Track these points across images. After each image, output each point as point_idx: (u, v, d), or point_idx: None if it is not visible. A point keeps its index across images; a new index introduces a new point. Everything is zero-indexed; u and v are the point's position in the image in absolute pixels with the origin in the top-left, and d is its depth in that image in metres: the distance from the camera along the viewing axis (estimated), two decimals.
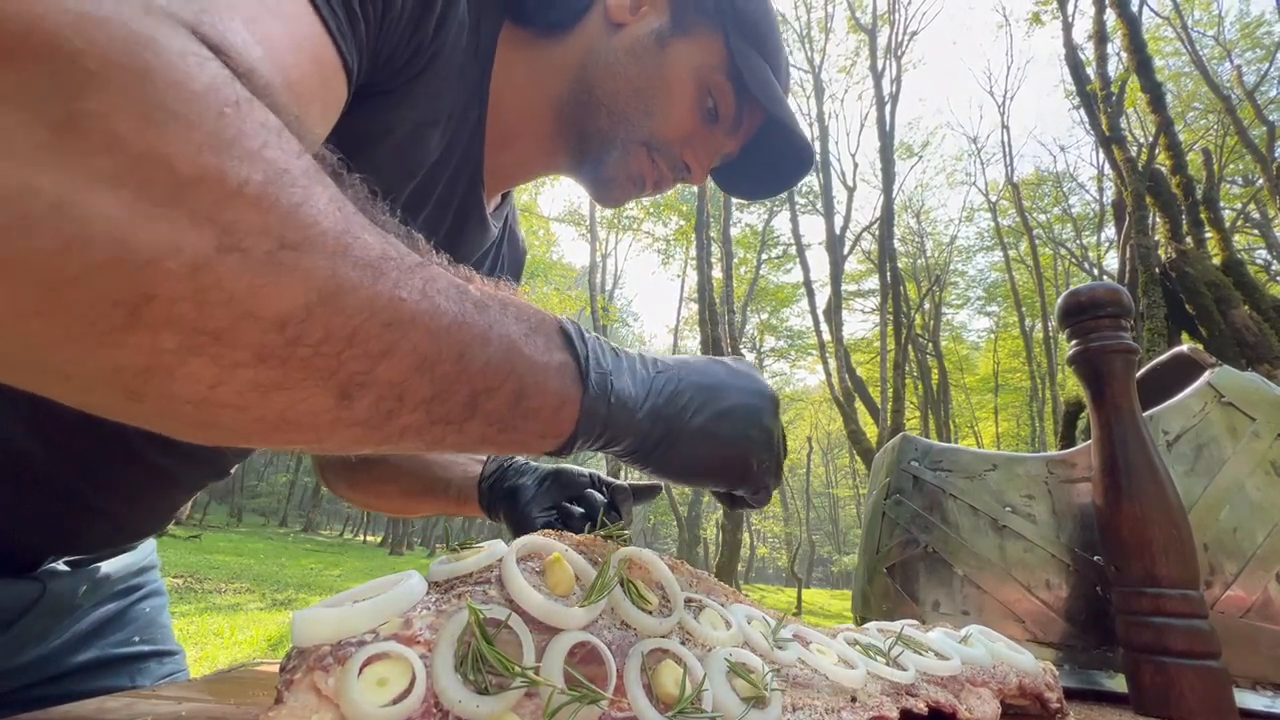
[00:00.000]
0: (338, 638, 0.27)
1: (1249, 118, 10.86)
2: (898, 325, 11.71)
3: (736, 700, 0.31)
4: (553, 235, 19.81)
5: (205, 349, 0.20)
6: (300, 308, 0.22)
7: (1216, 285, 5.30)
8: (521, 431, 0.31)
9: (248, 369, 0.21)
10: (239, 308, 0.20)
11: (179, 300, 0.19)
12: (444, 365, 0.27)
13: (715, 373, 0.41)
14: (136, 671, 0.63)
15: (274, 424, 0.23)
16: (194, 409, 0.22)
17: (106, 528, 0.56)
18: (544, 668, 0.28)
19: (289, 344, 0.22)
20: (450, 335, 0.27)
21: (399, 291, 0.25)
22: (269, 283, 0.21)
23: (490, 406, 0.29)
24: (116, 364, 0.19)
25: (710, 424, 0.38)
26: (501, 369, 0.29)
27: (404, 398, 0.26)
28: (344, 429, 0.25)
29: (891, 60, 14.12)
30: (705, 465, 0.39)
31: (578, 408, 0.33)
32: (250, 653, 4.38)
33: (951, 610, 0.61)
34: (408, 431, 0.27)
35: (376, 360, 0.24)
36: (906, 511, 0.67)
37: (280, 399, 0.23)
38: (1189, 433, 0.60)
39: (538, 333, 0.32)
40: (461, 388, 0.28)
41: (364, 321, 0.23)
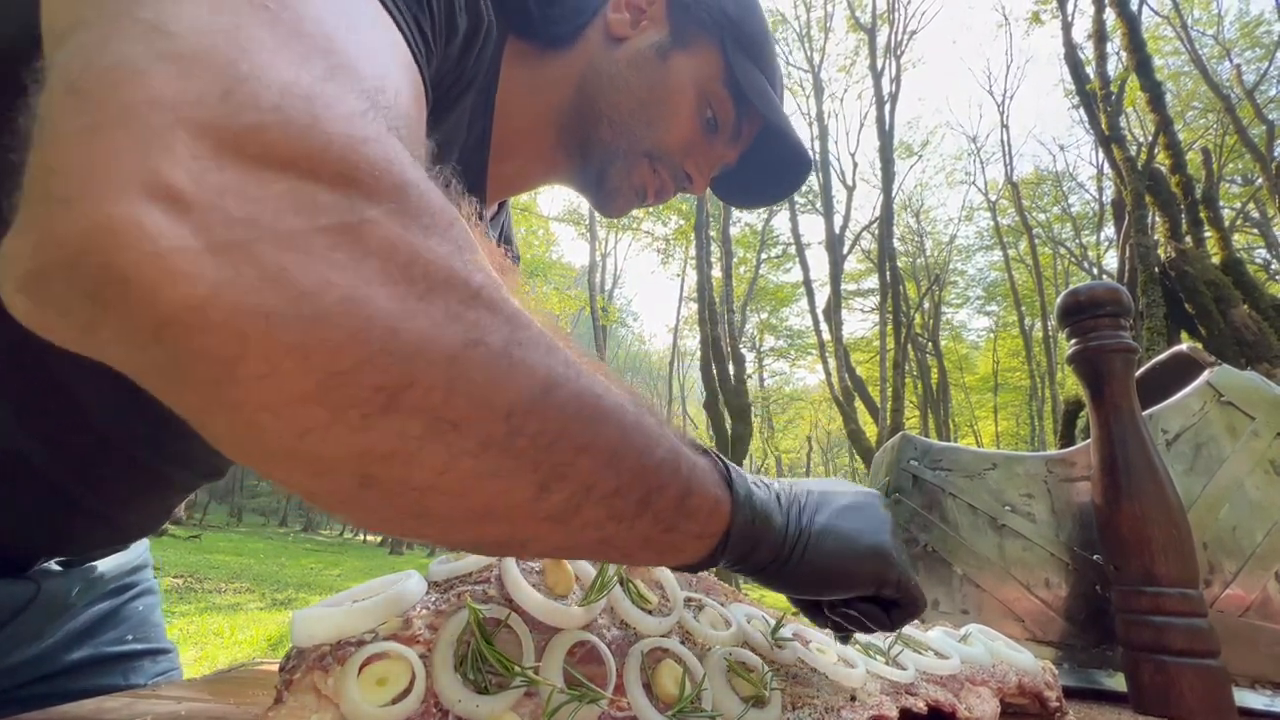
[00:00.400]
0: (337, 637, 0.27)
1: (1248, 117, 10.86)
2: (897, 324, 11.71)
3: (736, 699, 0.31)
4: (552, 235, 19.80)
5: (444, 435, 0.22)
6: (525, 399, 0.23)
7: (1216, 284, 5.30)
8: (682, 533, 0.32)
9: (472, 458, 0.23)
10: (478, 397, 0.22)
11: (433, 389, 0.21)
12: (630, 459, 0.28)
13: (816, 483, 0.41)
14: (130, 670, 0.63)
15: (478, 514, 0.25)
16: (418, 496, 0.23)
17: (102, 529, 0.56)
18: (543, 667, 0.28)
19: (510, 434, 0.23)
20: (635, 432, 0.28)
21: (595, 388, 0.26)
22: (504, 375, 0.23)
23: (660, 504, 0.30)
24: (364, 447, 0.21)
25: (836, 522, 0.38)
26: (671, 467, 0.30)
27: (591, 491, 0.27)
28: (536, 522, 0.26)
29: (891, 59, 14.12)
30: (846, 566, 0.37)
31: (730, 510, 0.34)
32: (250, 652, 4.38)
33: (951, 609, 0.62)
34: (588, 526, 0.28)
35: (578, 454, 0.26)
36: (906, 510, 0.67)
37: (491, 487, 0.24)
38: (1188, 432, 0.60)
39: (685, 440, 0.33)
40: (639, 484, 0.29)
41: (572, 415, 0.25)
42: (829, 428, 29.54)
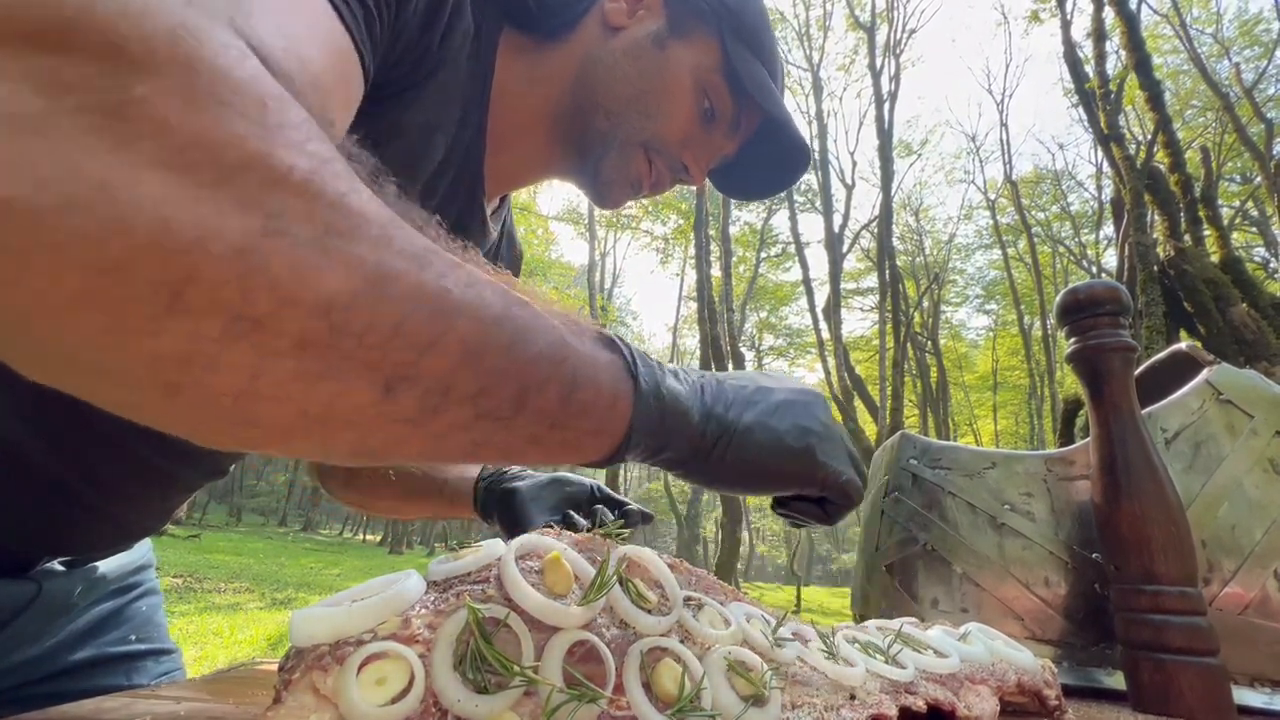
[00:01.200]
0: (336, 637, 0.27)
1: (1247, 115, 10.86)
2: (896, 323, 11.72)
3: (735, 699, 0.31)
4: (551, 234, 19.81)
5: (247, 335, 0.20)
6: (345, 294, 0.21)
7: (1215, 283, 5.31)
8: (574, 430, 0.30)
9: (289, 358, 0.21)
10: (283, 292, 0.20)
11: (222, 284, 0.19)
12: (491, 357, 0.26)
13: (753, 376, 0.40)
14: (133, 670, 0.63)
15: (316, 419, 0.23)
16: (233, 402, 0.21)
17: (104, 528, 0.56)
18: (543, 667, 0.28)
19: (333, 332, 0.21)
20: (498, 326, 0.26)
21: (444, 282, 0.24)
22: (314, 268, 0.20)
23: (540, 402, 0.28)
24: (156, 353, 0.19)
25: (765, 419, 0.36)
26: (551, 361, 0.28)
27: (450, 391, 0.25)
28: (388, 425, 0.24)
29: (890, 58, 14.11)
30: (768, 465, 0.36)
31: (631, 403, 0.32)
32: (249, 652, 4.38)
33: (950, 608, 0.62)
34: (454, 428, 0.26)
35: (422, 351, 0.23)
36: (905, 509, 0.67)
37: (323, 390, 0.22)
38: (1187, 430, 0.60)
39: (581, 332, 0.31)
40: (510, 381, 0.27)
41: (410, 310, 0.23)
42: None
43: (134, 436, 0.51)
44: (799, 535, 26.69)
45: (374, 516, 10.15)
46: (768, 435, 0.36)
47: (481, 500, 0.70)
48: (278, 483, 28.47)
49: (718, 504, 11.72)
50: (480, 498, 0.70)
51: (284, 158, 0.20)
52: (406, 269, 0.23)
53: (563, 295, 16.49)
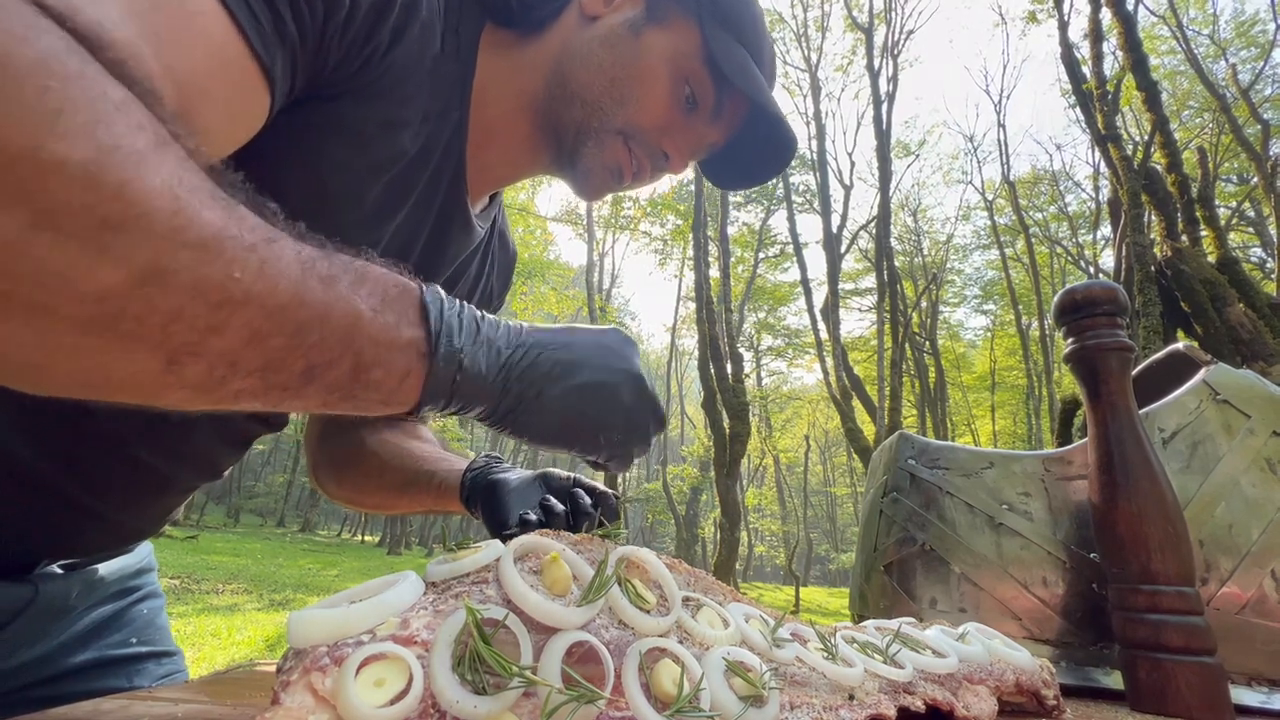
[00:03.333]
0: (334, 638, 0.26)
1: (1244, 116, 10.89)
2: (895, 323, 11.73)
3: (734, 699, 0.31)
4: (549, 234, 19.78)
5: (16, 316, 0.21)
6: (121, 285, 0.22)
7: (1211, 283, 5.32)
8: (362, 399, 0.33)
9: (67, 335, 0.22)
10: (53, 284, 0.21)
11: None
12: (277, 339, 0.28)
13: (581, 348, 0.42)
14: (134, 673, 0.63)
15: (101, 383, 0.25)
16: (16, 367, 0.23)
17: (100, 531, 0.55)
18: (541, 667, 0.28)
19: (111, 317, 0.22)
20: (285, 314, 0.28)
21: (232, 270, 0.25)
22: (86, 262, 0.21)
23: (330, 377, 0.31)
24: None
25: (560, 397, 0.40)
26: (338, 346, 0.30)
27: (236, 366, 0.27)
28: (174, 390, 0.26)
29: (888, 59, 14.13)
30: (553, 434, 0.41)
31: (421, 380, 0.35)
32: (248, 653, 4.37)
33: (949, 608, 0.62)
34: (243, 394, 0.28)
35: (205, 335, 0.25)
36: (904, 509, 0.67)
37: (103, 361, 0.24)
38: (1185, 430, 0.60)
39: (390, 308, 0.33)
40: (296, 360, 0.29)
41: (190, 301, 0.24)
42: (827, 426, 29.59)
43: (128, 439, 0.50)
44: (798, 536, 26.64)
45: (370, 515, 10.07)
46: (562, 412, 0.40)
47: (467, 492, 0.69)
48: (276, 483, 28.41)
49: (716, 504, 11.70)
50: (465, 490, 0.69)
51: (56, 147, 0.20)
52: (190, 261, 0.24)
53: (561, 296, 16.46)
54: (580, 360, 0.41)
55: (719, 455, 9.95)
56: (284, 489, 27.66)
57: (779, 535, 31.06)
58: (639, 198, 16.80)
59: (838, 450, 31.79)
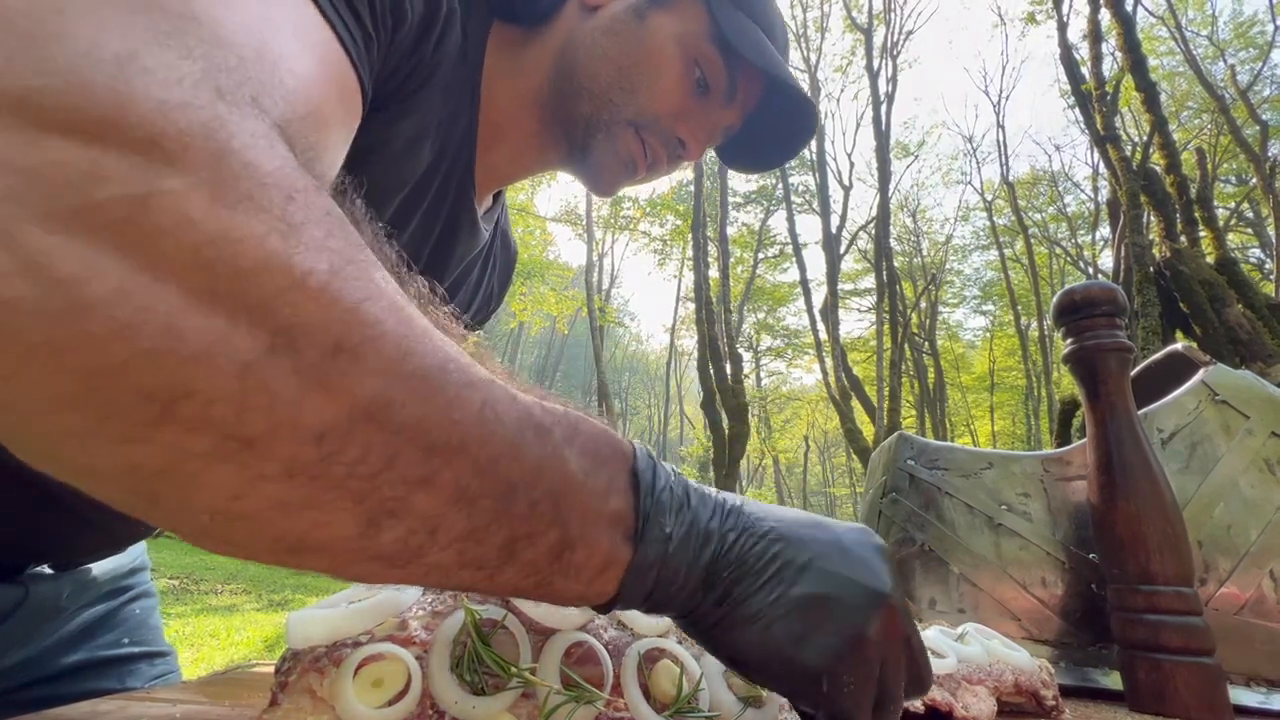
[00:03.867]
0: (333, 639, 0.26)
1: (1242, 117, 10.91)
2: (894, 324, 11.74)
3: (733, 699, 0.31)
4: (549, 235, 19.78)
5: (234, 456, 0.18)
6: (344, 420, 0.20)
7: (1210, 284, 5.32)
8: (558, 588, 0.27)
9: (274, 483, 0.19)
10: (279, 415, 0.19)
11: (218, 401, 0.18)
12: (485, 501, 0.23)
13: (817, 545, 0.30)
14: (127, 673, 0.62)
15: (290, 547, 0.21)
16: (210, 521, 0.20)
17: (92, 535, 0.55)
18: (540, 668, 0.28)
19: (323, 460, 0.20)
20: (497, 469, 0.23)
21: (453, 412, 0.22)
22: (317, 390, 0.19)
23: (529, 555, 0.25)
24: (135, 462, 0.18)
25: (775, 611, 0.29)
26: (549, 514, 0.25)
27: (436, 533, 0.23)
28: (364, 561, 0.22)
29: (887, 60, 14.14)
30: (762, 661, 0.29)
31: (623, 572, 0.28)
32: (246, 654, 4.37)
33: (948, 608, 0.62)
34: (433, 571, 0.24)
35: (413, 488, 0.22)
36: (903, 510, 0.67)
37: (303, 520, 0.20)
38: (1183, 431, 0.60)
39: (601, 470, 0.27)
40: (501, 530, 0.24)
41: (408, 444, 0.21)
42: (826, 427, 29.58)
43: None
44: None
45: None
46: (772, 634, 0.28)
47: None
48: None
49: None
50: None
51: (303, 260, 0.19)
52: (414, 394, 0.21)
53: (560, 296, 16.45)
54: (809, 560, 0.30)
55: (718, 456, 9.95)
56: None
57: None
58: (638, 198, 16.80)
59: (837, 451, 31.79)
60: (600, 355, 13.26)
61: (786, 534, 0.30)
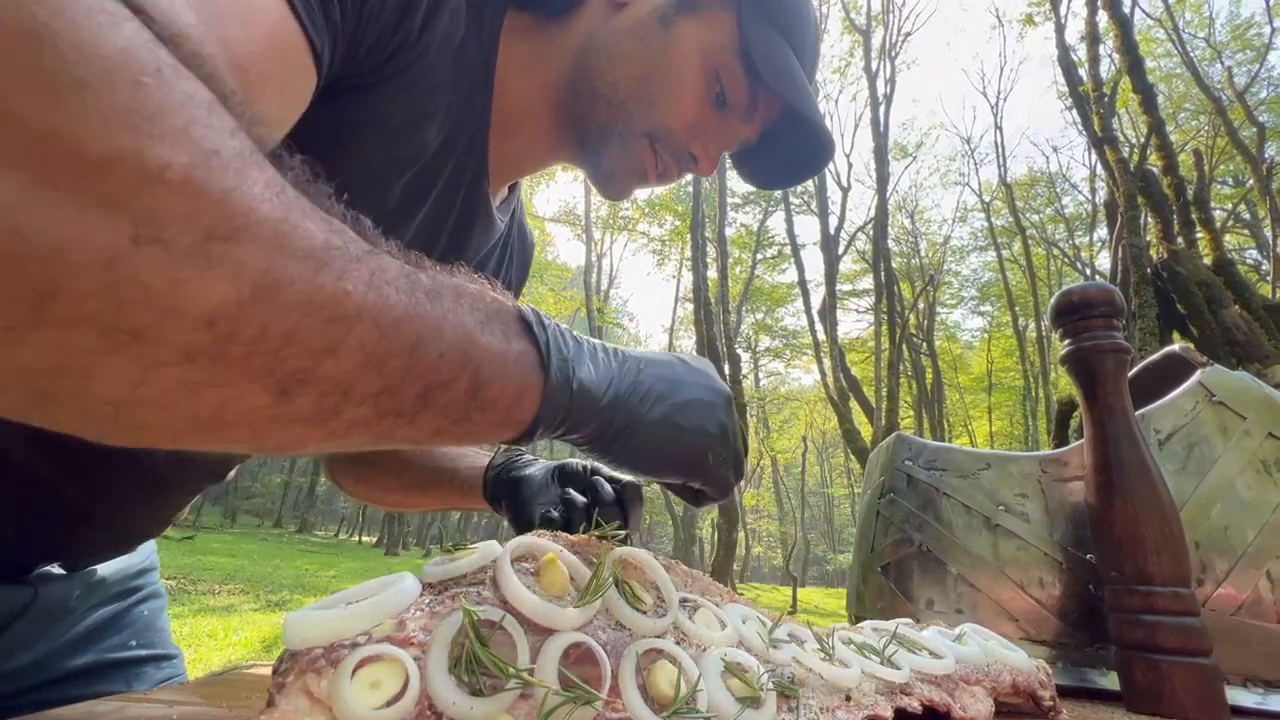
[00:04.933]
0: (330, 640, 0.26)
1: (1239, 119, 10.94)
2: (892, 325, 11.75)
3: (731, 700, 0.31)
4: (548, 235, 19.78)
5: (125, 348, 0.18)
6: (232, 303, 0.20)
7: (1207, 285, 5.34)
8: (478, 422, 0.30)
9: (174, 368, 0.20)
10: (161, 305, 0.18)
11: (89, 296, 0.17)
12: (394, 360, 0.25)
13: (674, 367, 0.40)
14: (134, 676, 0.62)
15: (206, 424, 0.22)
16: (114, 410, 0.20)
17: (101, 535, 0.55)
18: (538, 669, 0.28)
19: (220, 342, 0.20)
20: (400, 329, 0.25)
21: (344, 284, 0.23)
22: (195, 278, 0.19)
23: (445, 399, 0.28)
24: (21, 364, 0.18)
25: (669, 415, 0.38)
26: (456, 361, 0.28)
27: (349, 393, 0.24)
28: (284, 426, 0.23)
29: (886, 61, 14.16)
30: (664, 456, 0.39)
31: (539, 395, 0.32)
32: (244, 654, 4.36)
33: (946, 609, 0.62)
34: (354, 426, 0.25)
35: (319, 358, 0.22)
36: (901, 510, 0.67)
37: (211, 397, 0.21)
38: (1180, 431, 0.61)
39: (494, 320, 0.31)
40: (414, 382, 0.26)
41: (304, 318, 0.22)
42: (824, 428, 29.61)
43: None
44: (796, 537, 26.64)
45: (380, 512, 9.93)
46: (669, 430, 0.38)
47: (490, 491, 0.67)
48: (273, 484, 28.33)
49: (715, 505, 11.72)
50: (489, 488, 0.68)
51: (158, 151, 0.18)
52: (300, 272, 0.21)
53: (559, 297, 16.46)
54: (680, 379, 0.39)
55: None
56: (281, 489, 27.58)
57: (776, 536, 31.08)
58: (637, 199, 16.80)
59: (835, 451, 31.81)
60: None
61: (655, 361, 0.40)
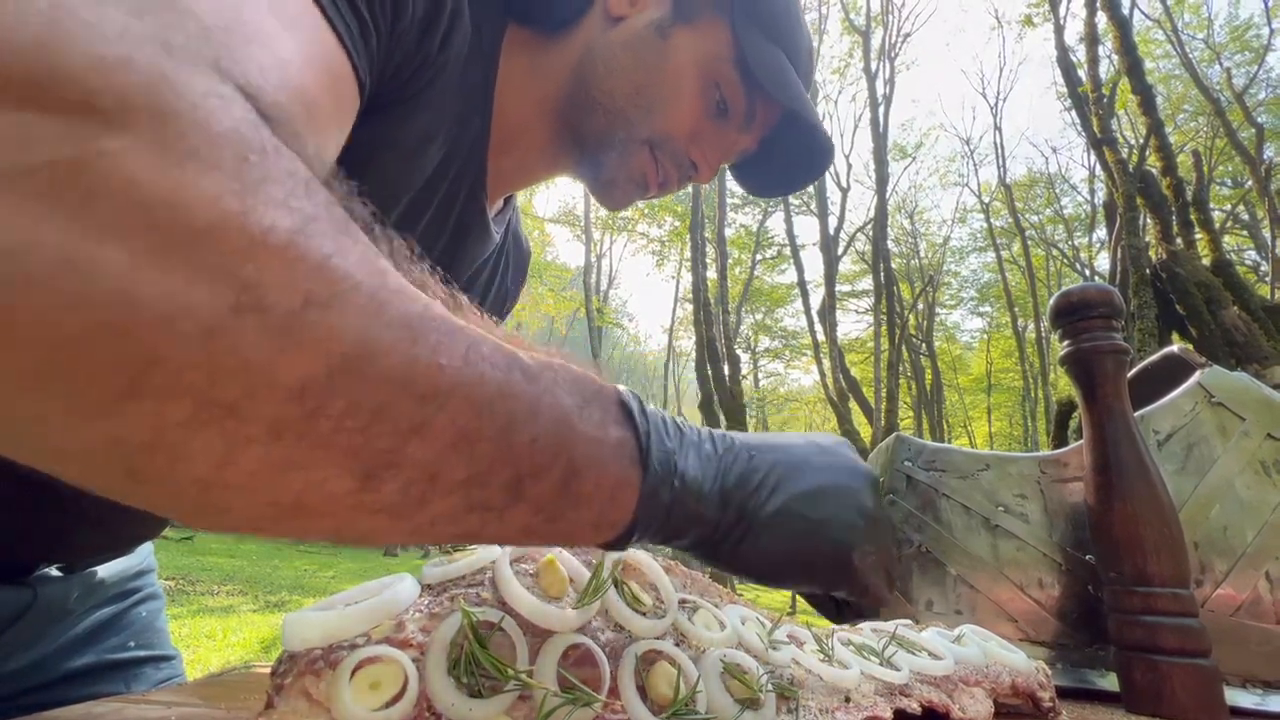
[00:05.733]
0: (329, 641, 0.26)
1: (1238, 120, 10.97)
2: (891, 325, 11.76)
3: (730, 701, 0.31)
4: (548, 236, 19.79)
5: (216, 422, 0.18)
6: (323, 374, 0.19)
7: (1206, 286, 5.34)
8: (571, 520, 0.27)
9: (260, 445, 0.19)
10: (255, 375, 0.18)
11: (189, 367, 0.17)
12: (485, 443, 0.23)
13: (795, 448, 0.34)
14: (133, 677, 0.62)
15: (288, 510, 0.21)
16: (200, 491, 0.19)
17: (100, 536, 0.55)
18: (537, 670, 0.28)
19: (308, 417, 0.19)
20: (494, 408, 0.23)
21: (438, 357, 0.22)
22: (289, 346, 0.18)
23: (536, 491, 0.25)
24: (115, 436, 0.17)
25: (792, 506, 0.32)
26: (551, 447, 0.25)
27: (437, 480, 0.22)
28: (367, 516, 0.22)
29: (885, 62, 14.18)
30: (789, 558, 0.32)
31: (637, 492, 0.28)
32: (242, 655, 4.36)
33: (945, 610, 0.62)
34: (439, 520, 0.24)
35: (407, 437, 0.21)
36: (900, 511, 0.67)
37: (295, 479, 0.20)
38: (1180, 432, 0.61)
39: (592, 404, 0.28)
40: (504, 469, 0.24)
41: (395, 392, 0.21)
42: (824, 428, 29.61)
43: None
44: None
45: None
46: (796, 528, 0.31)
47: None
48: None
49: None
50: None
51: (262, 217, 0.18)
52: (395, 343, 0.20)
53: (559, 297, 16.47)
54: (804, 461, 0.33)
55: None
56: None
57: None
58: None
59: None
60: (598, 356, 13.26)
61: (772, 445, 0.34)
